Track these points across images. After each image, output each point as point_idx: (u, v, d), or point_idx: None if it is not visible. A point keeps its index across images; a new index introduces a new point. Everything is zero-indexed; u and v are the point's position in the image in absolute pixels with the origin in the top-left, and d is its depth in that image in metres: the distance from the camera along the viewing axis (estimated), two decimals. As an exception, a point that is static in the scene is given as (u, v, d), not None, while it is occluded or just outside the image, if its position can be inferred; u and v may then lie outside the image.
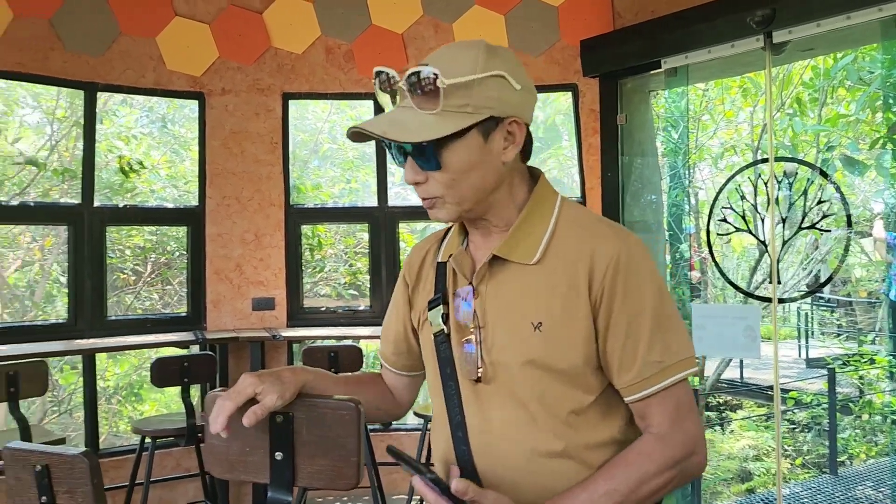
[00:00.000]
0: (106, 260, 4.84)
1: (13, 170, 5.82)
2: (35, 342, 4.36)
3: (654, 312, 1.18)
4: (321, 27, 4.89)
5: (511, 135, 1.20)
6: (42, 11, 4.28)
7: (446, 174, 1.17)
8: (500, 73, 1.16)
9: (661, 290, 1.20)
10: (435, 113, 1.14)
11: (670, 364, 1.17)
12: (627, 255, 1.18)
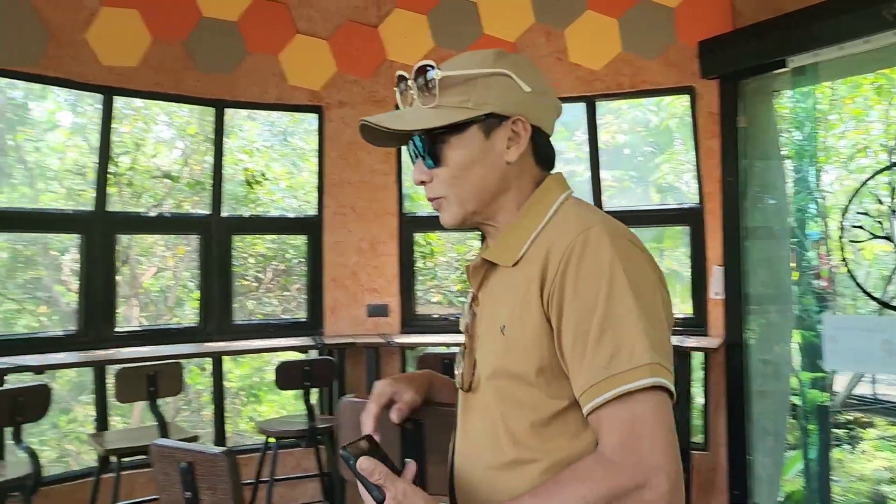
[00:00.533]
0: (232, 267, 5.12)
1: (150, 183, 6.26)
2: (169, 344, 4.65)
3: (607, 308, 1.00)
4: (434, 38, 4.97)
5: (516, 134, 1.16)
6: (177, 35, 4.58)
7: (447, 171, 1.17)
8: (505, 72, 1.15)
9: (620, 283, 1.01)
10: (433, 107, 1.15)
11: (621, 371, 0.97)
12: (583, 243, 1.04)
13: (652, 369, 0.97)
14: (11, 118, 6.66)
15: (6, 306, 6.45)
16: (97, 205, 4.55)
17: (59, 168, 6.95)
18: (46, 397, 3.20)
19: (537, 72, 1.20)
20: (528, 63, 1.20)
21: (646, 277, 1.05)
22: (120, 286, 4.82)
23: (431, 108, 1.15)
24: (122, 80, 4.47)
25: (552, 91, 1.23)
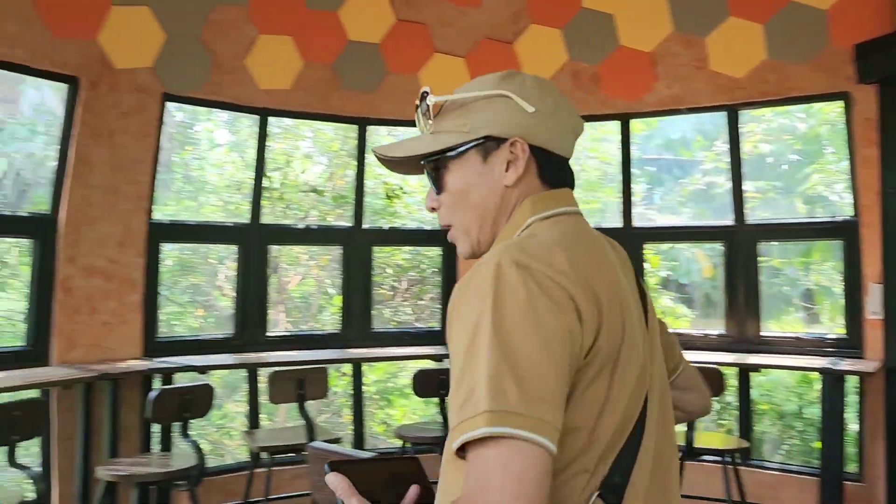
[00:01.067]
0: (372, 277, 5.35)
1: (298, 197, 6.67)
2: (313, 349, 4.93)
3: (467, 349, 0.89)
4: (569, 52, 4.98)
5: (514, 156, 1.10)
6: (326, 58, 4.87)
7: (448, 196, 1.14)
8: (504, 93, 1.10)
9: (486, 318, 0.89)
10: (433, 132, 1.13)
11: (465, 419, 0.86)
12: (469, 276, 0.96)
13: (489, 418, 0.84)
14: (179, 138, 7.31)
15: (170, 309, 7.04)
16: (252, 217, 4.92)
17: (218, 183, 7.53)
18: (210, 395, 3.50)
19: (549, 92, 1.14)
20: (538, 83, 1.14)
21: (523, 306, 0.91)
22: (269, 293, 5.15)
23: (431, 133, 1.14)
24: (277, 102, 4.81)
25: (568, 110, 1.16)
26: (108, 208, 4.26)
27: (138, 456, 3.93)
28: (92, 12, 4.01)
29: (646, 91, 4.93)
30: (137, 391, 4.16)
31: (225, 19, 4.50)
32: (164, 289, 5.27)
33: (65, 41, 3.98)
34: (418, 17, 4.95)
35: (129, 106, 4.27)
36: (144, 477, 3.22)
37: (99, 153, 4.19)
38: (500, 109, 1.10)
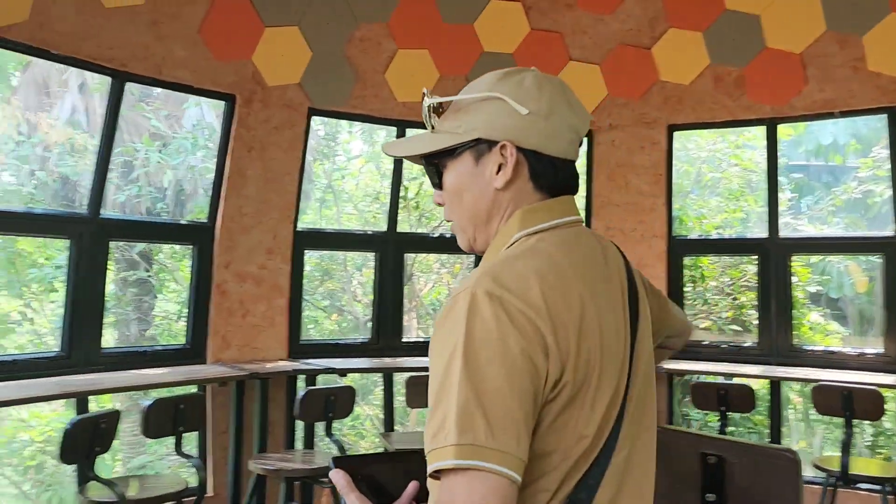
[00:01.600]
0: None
1: (431, 206, 6.86)
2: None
3: (441, 379, 0.91)
4: (710, 55, 4.81)
5: (503, 159, 1.08)
6: (461, 69, 4.95)
7: (446, 195, 1.15)
8: (497, 96, 1.09)
9: (459, 352, 0.91)
10: (432, 132, 1.14)
11: (436, 448, 0.89)
12: (446, 308, 0.97)
13: (458, 451, 0.87)
14: (321, 150, 7.69)
15: (308, 313, 7.40)
16: (389, 226, 5.08)
17: (353, 192, 7.86)
18: (352, 397, 3.65)
19: (546, 92, 1.10)
20: (536, 82, 1.11)
21: (496, 343, 0.92)
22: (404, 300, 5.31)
23: (430, 133, 1.15)
24: (413, 114, 4.95)
25: (570, 109, 1.12)
26: (259, 217, 4.54)
27: (284, 452, 4.15)
28: (248, 35, 4.30)
29: (794, 94, 4.67)
30: (283, 390, 4.40)
31: (367, 36, 4.69)
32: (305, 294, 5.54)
33: (224, 62, 4.28)
34: (553, 25, 4.94)
35: (278, 121, 4.54)
36: (292, 472, 3.40)
37: (252, 165, 4.48)
38: (493, 112, 1.10)
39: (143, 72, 3.99)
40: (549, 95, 1.11)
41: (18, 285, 7.06)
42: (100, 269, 4.03)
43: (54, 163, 7.07)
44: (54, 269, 6.77)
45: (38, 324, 7.08)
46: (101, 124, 4.04)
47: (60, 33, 3.61)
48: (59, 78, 7.28)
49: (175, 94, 4.47)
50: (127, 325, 7.57)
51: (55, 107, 7.32)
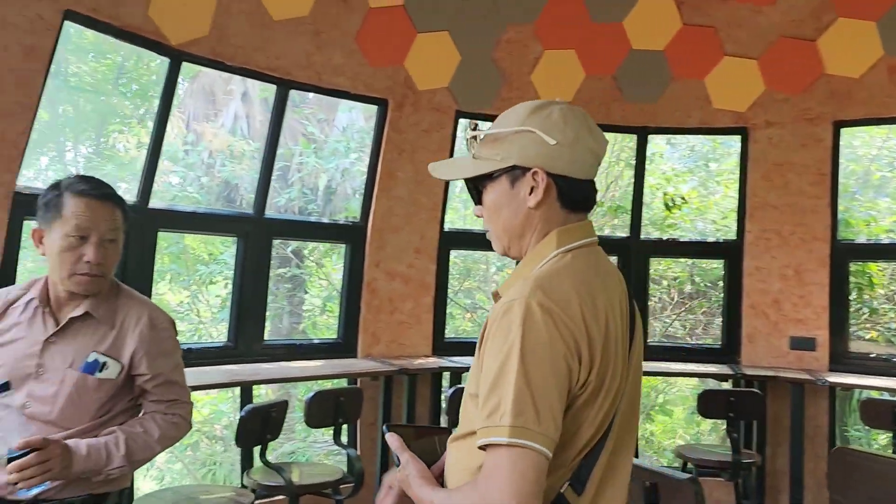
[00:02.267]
0: (649, 288, 5.25)
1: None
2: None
3: (499, 371, 1.17)
4: (885, 46, 4.45)
5: (535, 183, 1.30)
6: (607, 69, 4.88)
7: (486, 210, 1.38)
8: (530, 129, 1.30)
9: (516, 351, 1.16)
10: (475, 158, 1.36)
11: (491, 425, 1.15)
12: (506, 310, 1.20)
13: (512, 431, 1.13)
14: (463, 151, 7.80)
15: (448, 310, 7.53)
16: (531, 227, 5.08)
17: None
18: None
19: (570, 123, 1.31)
20: (562, 115, 1.31)
21: (545, 348, 1.17)
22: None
23: (473, 159, 1.36)
24: (558, 115, 4.92)
25: (590, 134, 1.32)
26: (408, 218, 4.68)
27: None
28: (401, 41, 4.43)
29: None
30: (428, 386, 4.51)
31: (514, 38, 4.71)
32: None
33: (377, 68, 4.45)
34: (707, 20, 4.75)
35: (428, 124, 4.65)
36: (441, 467, 3.47)
37: (402, 168, 4.63)
38: (526, 142, 1.31)
39: (305, 79, 4.22)
40: (574, 126, 1.31)
41: (185, 278, 7.68)
42: (263, 266, 4.30)
43: (217, 168, 7.62)
44: (217, 265, 7.30)
45: (203, 314, 7.66)
46: (261, 130, 4.31)
47: (235, 46, 3.88)
48: (224, 87, 7.84)
49: (327, 98, 4.69)
50: (280, 318, 8.03)
51: (220, 115, 7.89)
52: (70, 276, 1.92)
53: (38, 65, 3.07)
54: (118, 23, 3.39)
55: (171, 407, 2.06)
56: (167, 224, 4.00)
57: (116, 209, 1.99)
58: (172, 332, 2.11)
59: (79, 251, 1.91)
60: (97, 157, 8.87)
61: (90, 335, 1.97)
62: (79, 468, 1.84)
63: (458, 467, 1.31)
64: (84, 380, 1.94)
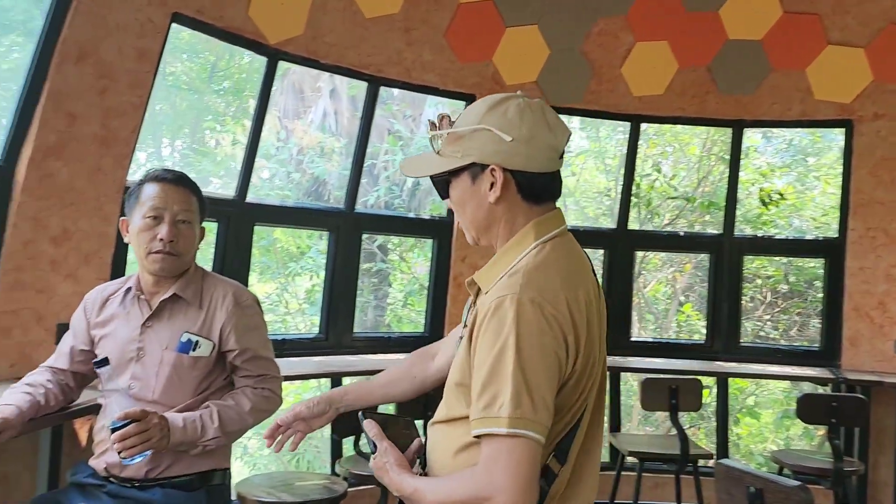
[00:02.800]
0: (742, 287, 5.07)
1: (665, 202, 6.62)
2: (676, 358, 4.83)
3: (493, 365, 1.24)
4: None
5: (494, 179, 1.37)
6: (701, 60, 4.73)
7: (452, 204, 1.47)
8: (486, 128, 1.35)
9: (510, 346, 1.23)
10: (440, 154, 1.43)
11: (489, 416, 1.23)
12: (497, 305, 1.26)
13: (510, 422, 1.22)
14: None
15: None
16: (619, 223, 4.99)
17: (573, 188, 7.82)
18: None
19: (526, 119, 1.35)
20: (518, 111, 1.36)
21: (537, 341, 1.25)
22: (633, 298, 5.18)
23: (437, 156, 1.43)
24: (649, 108, 4.82)
25: (548, 129, 1.37)
26: (494, 213, 4.67)
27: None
28: (490, 36, 4.42)
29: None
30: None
31: (604, 30, 4.63)
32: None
33: (465, 64, 4.45)
34: (810, 7, 4.54)
35: (515, 119, 4.62)
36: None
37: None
38: (484, 140, 1.36)
39: (396, 76, 4.27)
40: (529, 122, 1.36)
41: (275, 271, 7.92)
42: (353, 260, 4.38)
43: (306, 164, 7.82)
44: (305, 259, 7.50)
45: (290, 306, 7.89)
46: (349, 127, 4.38)
47: (329, 44, 3.96)
48: (313, 84, 8.04)
49: (413, 95, 4.75)
50: (365, 311, 8.18)
51: (309, 112, 8.09)
52: (147, 255, 2.05)
53: (148, 66, 3.21)
54: (221, 24, 3.51)
55: (261, 381, 2.16)
56: (263, 218, 4.13)
57: (191, 194, 2.12)
58: (257, 308, 2.22)
59: (154, 230, 2.03)
60: (192, 153, 9.25)
61: (182, 316, 2.10)
62: (176, 439, 1.95)
63: (439, 448, 1.43)
64: (180, 359, 2.06)
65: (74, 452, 2.76)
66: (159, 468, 2.03)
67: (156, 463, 2.01)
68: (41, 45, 2.86)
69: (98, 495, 2.03)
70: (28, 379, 2.12)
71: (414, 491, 1.38)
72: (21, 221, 2.88)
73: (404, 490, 1.40)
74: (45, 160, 2.91)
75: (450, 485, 1.34)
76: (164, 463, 2.02)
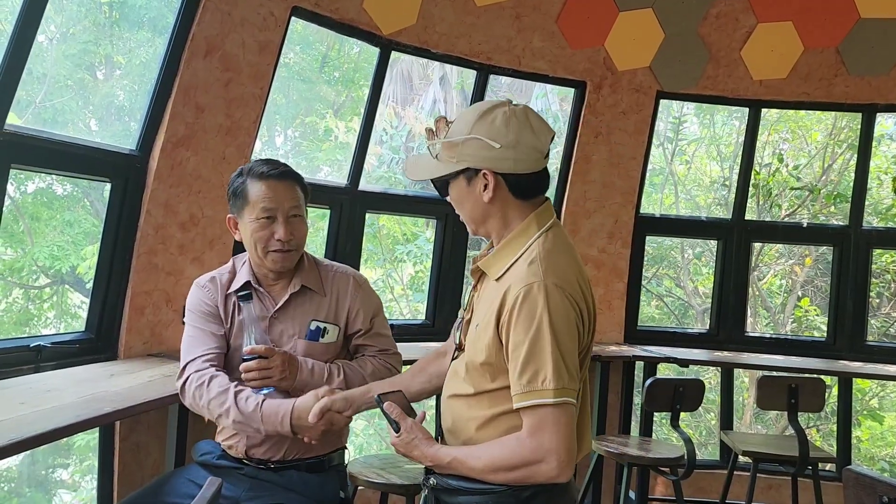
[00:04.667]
0: (870, 282, 4.76)
1: (786, 192, 6.29)
2: (795, 356, 4.60)
3: (532, 344, 1.46)
4: None
5: (487, 182, 1.58)
6: (830, 41, 4.45)
7: (452, 202, 1.68)
8: (477, 137, 1.56)
9: (546, 327, 1.45)
10: (436, 159, 1.64)
11: (534, 390, 1.45)
12: (527, 292, 1.47)
13: (556, 392, 1.44)
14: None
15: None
16: (735, 213, 4.78)
17: (683, 176, 7.55)
18: (701, 391, 3.52)
19: (512, 127, 1.55)
20: (504, 119, 1.56)
21: (565, 320, 1.47)
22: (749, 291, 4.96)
23: (435, 160, 1.64)
24: (770, 93, 4.58)
25: (532, 133, 1.57)
26: (602, 202, 4.59)
27: (619, 436, 4.17)
28: (603, 21, 4.33)
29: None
30: (620, 374, 4.41)
31: (723, 12, 4.43)
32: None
33: (576, 50, 4.38)
34: (956, -19, 4.18)
35: (626, 105, 4.52)
36: (636, 459, 3.39)
37: (598, 150, 4.53)
38: (475, 148, 1.57)
39: (506, 64, 4.25)
40: (515, 129, 1.56)
41: (381, 257, 8.10)
42: (461, 247, 4.41)
43: (417, 151, 7.93)
44: (410, 245, 7.63)
45: (396, 291, 8.05)
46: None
47: (440, 33, 3.99)
48: (422, 73, 8.13)
49: (520, 83, 4.71)
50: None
51: (418, 99, 8.19)
52: (266, 255, 2.06)
53: (269, 58, 3.35)
54: (337, 16, 3.61)
55: (383, 355, 2.23)
56: (374, 206, 4.22)
57: (296, 185, 2.11)
58: (370, 287, 2.28)
59: (269, 229, 2.04)
60: (303, 142, 9.57)
61: (307, 306, 2.13)
62: (303, 378, 2.03)
63: (461, 420, 1.63)
64: (311, 347, 2.12)
65: (198, 426, 2.92)
66: (294, 451, 2.08)
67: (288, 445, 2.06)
68: (172, 40, 3.03)
69: (234, 476, 2.08)
70: None
71: (452, 460, 1.57)
72: (154, 208, 3.07)
73: (441, 460, 1.59)
74: (175, 150, 3.09)
75: (495, 451, 1.52)
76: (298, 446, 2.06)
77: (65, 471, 8.24)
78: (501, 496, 1.54)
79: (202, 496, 1.24)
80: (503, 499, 1.54)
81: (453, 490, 1.60)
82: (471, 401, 1.60)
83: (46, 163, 2.81)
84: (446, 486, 1.61)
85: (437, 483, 1.63)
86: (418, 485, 2.90)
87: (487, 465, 1.52)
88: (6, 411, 2.04)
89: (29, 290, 8.01)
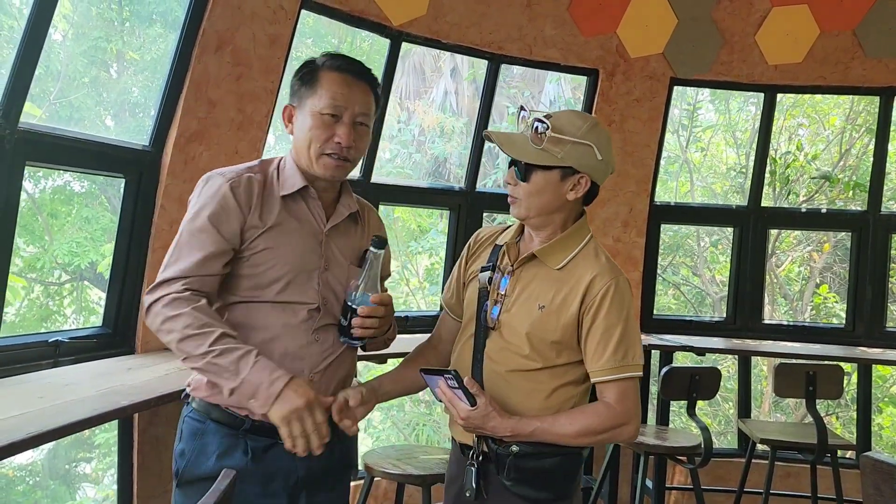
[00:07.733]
0: (889, 268, 4.70)
1: (803, 178, 6.21)
2: (813, 343, 4.55)
3: (624, 328, 1.75)
4: None
5: (580, 185, 1.75)
6: (846, 24, 4.38)
7: (528, 188, 1.76)
8: (590, 143, 1.72)
9: (632, 314, 1.77)
10: (538, 147, 1.72)
11: (627, 364, 1.74)
12: (615, 286, 1.74)
13: (639, 368, 1.76)
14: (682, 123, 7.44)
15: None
16: (751, 200, 4.74)
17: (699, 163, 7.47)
18: (717, 380, 3.50)
19: (610, 144, 1.77)
20: (608, 136, 1.77)
21: (634, 308, 1.79)
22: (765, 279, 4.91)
23: (537, 147, 1.72)
24: (786, 77, 4.53)
25: (614, 157, 1.79)
26: (616, 190, 4.56)
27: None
28: (615, 8, 4.29)
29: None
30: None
31: (737, -5, 4.37)
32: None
33: (588, 38, 4.34)
34: (976, -41, 4.10)
35: (640, 93, 4.48)
36: (653, 448, 3.38)
37: (612, 138, 4.49)
38: (583, 152, 1.73)
39: (517, 53, 4.23)
40: (610, 146, 1.78)
41: (395, 249, 8.12)
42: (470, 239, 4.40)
43: (427, 144, 7.93)
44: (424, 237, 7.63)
45: (411, 283, 8.06)
46: (469, 106, 4.38)
47: (450, 23, 3.97)
48: (434, 65, 8.11)
49: (532, 72, 4.68)
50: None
51: (429, 92, 8.18)
52: (318, 158, 1.78)
53: (279, 52, 3.35)
54: (346, 8, 3.60)
55: None
56: (387, 197, 4.22)
57: (371, 92, 1.84)
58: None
59: (331, 129, 1.76)
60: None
61: (352, 230, 1.91)
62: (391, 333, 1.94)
63: (524, 392, 1.78)
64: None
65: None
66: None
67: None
68: (183, 36, 3.04)
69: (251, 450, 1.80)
70: None
71: (535, 430, 1.74)
72: (168, 203, 3.09)
73: (523, 430, 1.74)
74: (188, 145, 3.11)
75: (582, 418, 1.75)
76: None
77: (88, 465, 8.35)
78: (570, 456, 1.80)
79: (216, 488, 1.24)
80: (571, 457, 1.80)
81: (537, 455, 1.77)
82: (537, 374, 1.79)
83: (60, 159, 2.83)
84: (531, 451, 1.77)
85: (521, 449, 1.76)
86: (434, 475, 2.92)
87: (580, 430, 1.74)
88: (26, 405, 2.07)
89: (48, 286, 8.11)
